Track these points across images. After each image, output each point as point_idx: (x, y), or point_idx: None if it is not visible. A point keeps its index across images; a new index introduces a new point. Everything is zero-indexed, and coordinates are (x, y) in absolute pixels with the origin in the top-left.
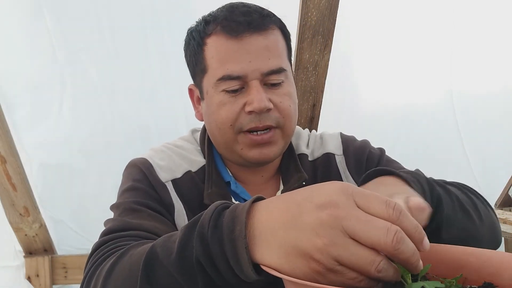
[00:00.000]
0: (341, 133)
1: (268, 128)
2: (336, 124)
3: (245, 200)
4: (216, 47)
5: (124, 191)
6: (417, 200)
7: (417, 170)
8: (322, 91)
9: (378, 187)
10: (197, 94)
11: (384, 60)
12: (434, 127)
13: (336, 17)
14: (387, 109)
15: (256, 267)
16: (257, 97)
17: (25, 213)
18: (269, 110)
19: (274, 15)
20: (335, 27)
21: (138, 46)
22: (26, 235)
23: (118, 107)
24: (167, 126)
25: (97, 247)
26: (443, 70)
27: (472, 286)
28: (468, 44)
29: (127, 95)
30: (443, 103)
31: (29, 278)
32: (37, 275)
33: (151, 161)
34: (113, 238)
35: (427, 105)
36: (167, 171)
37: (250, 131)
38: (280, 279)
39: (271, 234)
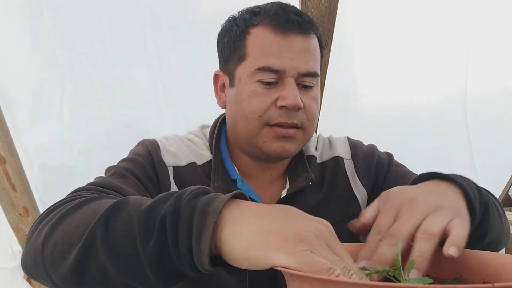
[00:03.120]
0: (348, 137)
1: (293, 127)
2: (336, 125)
3: (251, 199)
4: (261, 38)
5: (122, 160)
6: (456, 236)
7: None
8: (322, 91)
9: (429, 193)
10: (222, 81)
11: (385, 60)
12: (436, 127)
13: (335, 17)
14: (388, 110)
15: (213, 259)
16: (293, 93)
17: (25, 213)
18: (299, 109)
19: (315, 25)
20: (335, 27)
21: (139, 48)
22: (26, 235)
23: (118, 109)
24: (167, 129)
25: (74, 191)
26: (448, 70)
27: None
28: (478, 41)
29: (127, 98)
30: (447, 104)
31: (28, 279)
32: None
33: (160, 143)
34: (92, 189)
35: (430, 105)
36: (173, 157)
37: (276, 125)
38: (277, 281)
39: (247, 220)
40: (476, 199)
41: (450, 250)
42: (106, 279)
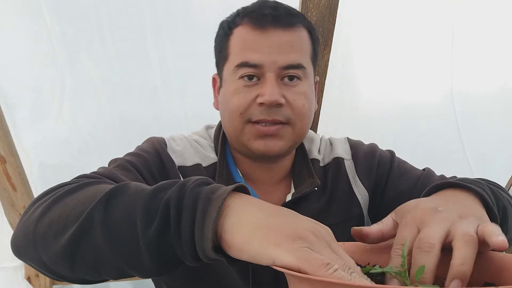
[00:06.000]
0: (348, 138)
1: (277, 123)
2: (336, 124)
3: None
4: (240, 36)
5: (128, 154)
6: (491, 231)
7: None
8: (322, 91)
9: (448, 204)
10: (218, 84)
11: (384, 60)
12: (434, 127)
13: (336, 17)
14: (387, 109)
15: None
16: (270, 90)
17: None
18: (280, 105)
19: (304, 17)
20: (335, 27)
21: (138, 46)
22: None
23: (117, 107)
24: (167, 126)
25: (76, 177)
26: (444, 70)
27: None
28: (468, 43)
29: (127, 95)
30: (443, 103)
31: (28, 279)
32: (37, 275)
33: (167, 142)
34: (95, 177)
35: (427, 105)
36: (179, 157)
37: (258, 122)
38: (279, 281)
39: (250, 212)
40: (494, 205)
41: (499, 238)
42: (98, 263)
